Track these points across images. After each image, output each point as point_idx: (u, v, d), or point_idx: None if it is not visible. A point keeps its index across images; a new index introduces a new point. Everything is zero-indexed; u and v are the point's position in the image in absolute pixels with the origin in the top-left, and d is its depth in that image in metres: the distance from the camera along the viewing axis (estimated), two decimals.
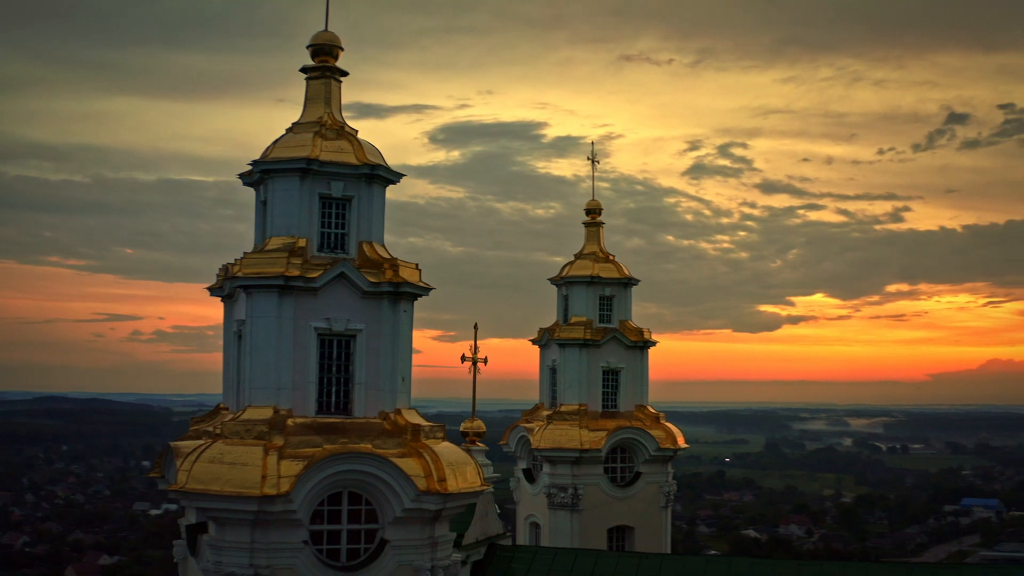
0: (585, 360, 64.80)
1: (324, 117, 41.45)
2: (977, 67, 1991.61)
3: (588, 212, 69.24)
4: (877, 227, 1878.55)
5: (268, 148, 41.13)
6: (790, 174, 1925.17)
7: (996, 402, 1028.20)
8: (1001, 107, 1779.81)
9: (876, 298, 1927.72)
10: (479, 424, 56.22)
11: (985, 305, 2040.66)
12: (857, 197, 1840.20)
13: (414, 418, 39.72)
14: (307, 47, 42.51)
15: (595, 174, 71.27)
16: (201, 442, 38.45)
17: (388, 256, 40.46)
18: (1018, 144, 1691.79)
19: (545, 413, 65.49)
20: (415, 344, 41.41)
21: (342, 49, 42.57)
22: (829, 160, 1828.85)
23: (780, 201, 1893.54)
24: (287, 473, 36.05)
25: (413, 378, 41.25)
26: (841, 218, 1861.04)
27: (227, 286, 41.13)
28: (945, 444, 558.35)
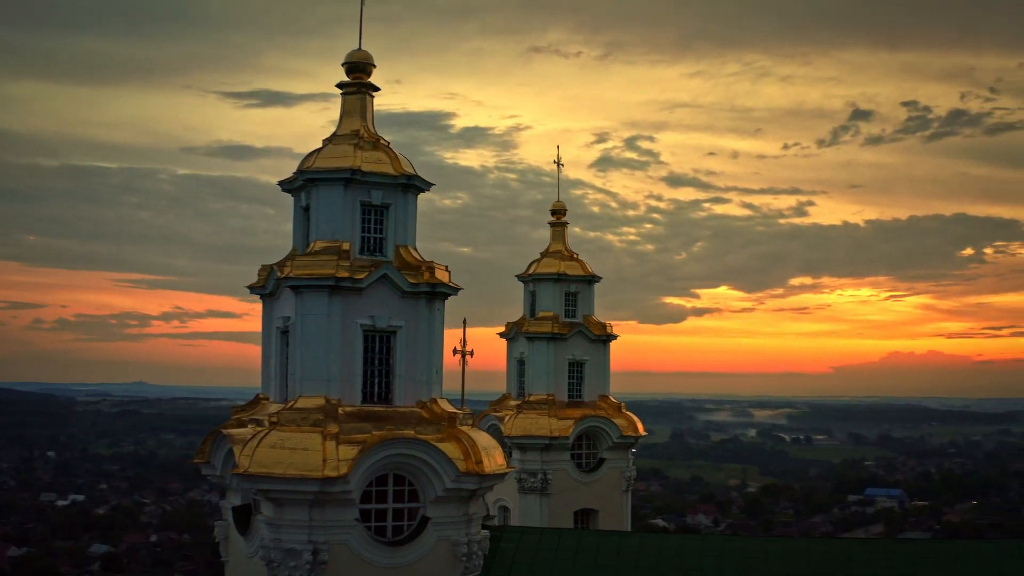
0: (552, 353, 68.00)
1: (361, 130, 44.70)
2: (882, 64, 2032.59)
3: (553, 212, 72.46)
4: (781, 221, 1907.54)
5: (309, 158, 44.16)
6: (696, 168, 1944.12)
7: (897, 394, 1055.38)
8: (904, 104, 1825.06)
9: (780, 291, 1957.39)
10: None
11: (887, 299, 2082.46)
12: (762, 191, 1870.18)
13: (447, 407, 43.27)
14: (342, 64, 45.68)
15: (560, 171, 74.12)
16: (252, 429, 41.30)
17: (422, 259, 43.82)
18: (920, 141, 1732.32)
19: (514, 403, 68.54)
20: None
21: (375, 66, 45.82)
22: (735, 154, 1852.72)
23: (686, 194, 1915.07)
24: (345, 457, 39.16)
25: None
26: (746, 212, 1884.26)
27: (271, 285, 43.92)
28: (848, 435, 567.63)
